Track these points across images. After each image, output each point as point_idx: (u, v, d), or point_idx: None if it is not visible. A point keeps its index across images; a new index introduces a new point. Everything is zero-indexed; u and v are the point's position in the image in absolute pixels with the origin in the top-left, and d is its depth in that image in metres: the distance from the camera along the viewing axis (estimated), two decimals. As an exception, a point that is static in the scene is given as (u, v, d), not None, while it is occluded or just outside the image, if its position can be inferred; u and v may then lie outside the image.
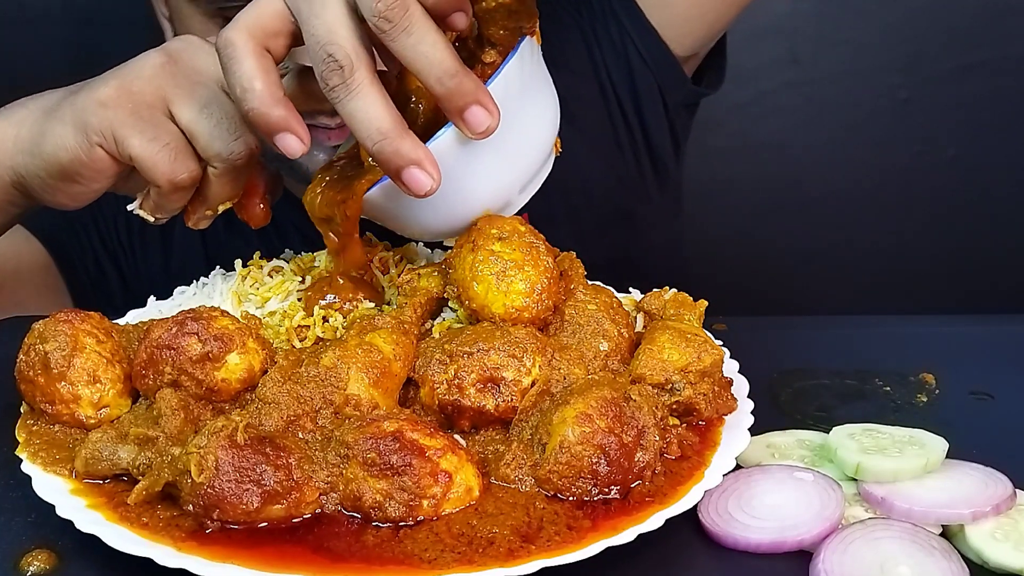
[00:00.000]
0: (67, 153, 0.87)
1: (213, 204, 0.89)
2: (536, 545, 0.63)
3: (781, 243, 2.24)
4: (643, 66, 1.34)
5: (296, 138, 0.76)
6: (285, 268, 0.95)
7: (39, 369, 0.74)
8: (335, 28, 0.73)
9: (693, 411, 0.75)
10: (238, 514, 0.64)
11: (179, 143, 0.85)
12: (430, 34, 0.72)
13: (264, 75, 0.75)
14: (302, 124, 0.77)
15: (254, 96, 0.75)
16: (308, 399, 0.72)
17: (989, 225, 2.23)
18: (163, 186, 0.86)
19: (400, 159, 0.73)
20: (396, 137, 0.73)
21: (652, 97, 1.37)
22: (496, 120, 0.75)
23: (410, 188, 0.74)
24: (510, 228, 0.80)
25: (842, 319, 1.18)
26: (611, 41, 1.34)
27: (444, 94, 0.73)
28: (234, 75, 0.76)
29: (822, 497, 0.69)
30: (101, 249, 1.35)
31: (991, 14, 2.10)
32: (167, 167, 0.84)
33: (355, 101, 0.73)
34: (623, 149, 1.38)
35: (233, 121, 0.84)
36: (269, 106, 0.75)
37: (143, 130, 0.85)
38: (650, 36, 1.33)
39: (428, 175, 0.74)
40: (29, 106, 0.93)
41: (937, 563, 0.63)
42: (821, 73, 2.14)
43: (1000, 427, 0.84)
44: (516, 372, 0.73)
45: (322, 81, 0.73)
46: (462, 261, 0.79)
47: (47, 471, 0.71)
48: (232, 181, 0.87)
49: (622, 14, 1.33)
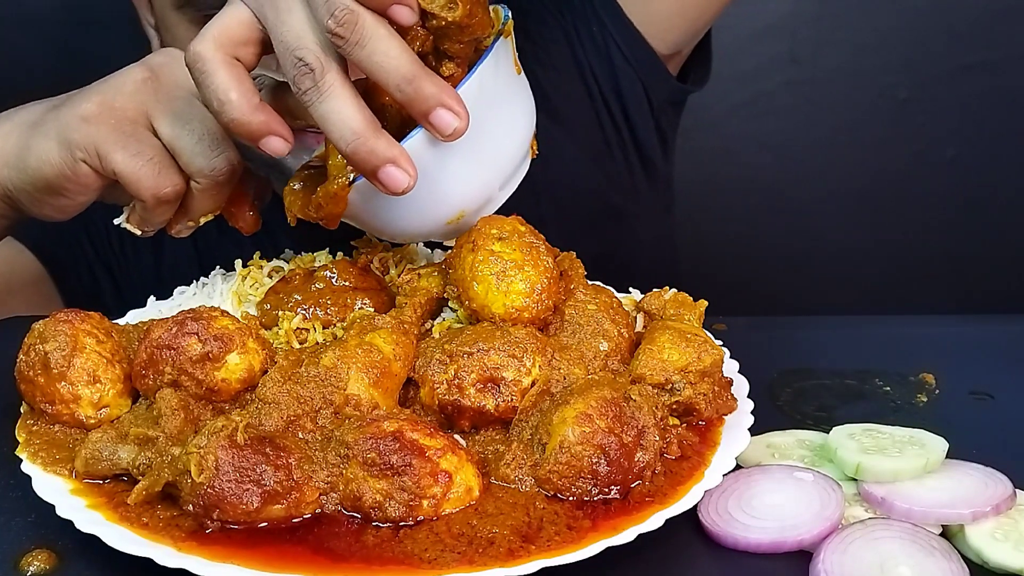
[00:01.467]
0: (52, 168, 0.87)
1: (195, 216, 0.90)
2: (536, 545, 0.63)
3: (781, 243, 2.24)
4: (625, 64, 1.34)
5: (280, 139, 0.77)
6: (285, 268, 0.95)
7: (39, 369, 0.74)
8: (303, 33, 0.73)
9: (693, 411, 0.75)
10: (238, 514, 0.64)
11: (162, 158, 0.85)
12: (383, 42, 0.72)
13: (238, 84, 0.75)
14: (283, 124, 0.77)
15: (232, 107, 0.75)
16: (308, 399, 0.72)
17: (989, 225, 2.23)
18: (148, 200, 0.86)
19: (375, 158, 0.73)
20: (370, 136, 0.73)
21: (636, 95, 1.36)
22: (464, 122, 0.75)
23: (387, 186, 0.74)
24: (510, 228, 0.80)
25: (842, 319, 1.18)
26: (593, 40, 1.34)
27: (405, 100, 0.74)
28: (208, 88, 0.76)
29: (822, 497, 0.69)
30: (93, 256, 1.35)
31: (991, 14, 2.10)
32: (151, 182, 0.85)
33: (327, 103, 0.73)
34: (611, 147, 1.38)
35: (215, 137, 0.85)
36: (247, 114, 0.75)
37: (126, 145, 0.85)
38: (631, 34, 1.32)
39: (404, 172, 0.74)
40: (14, 119, 0.93)
41: (937, 563, 0.63)
42: (821, 73, 2.14)
43: (1000, 427, 0.84)
44: (516, 372, 0.73)
45: (294, 85, 0.73)
46: (462, 261, 0.79)
47: (47, 471, 0.71)
48: (215, 195, 0.88)
49: (603, 13, 1.33)
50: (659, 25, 1.33)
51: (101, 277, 1.36)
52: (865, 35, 2.12)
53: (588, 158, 1.37)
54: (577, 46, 1.35)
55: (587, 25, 1.34)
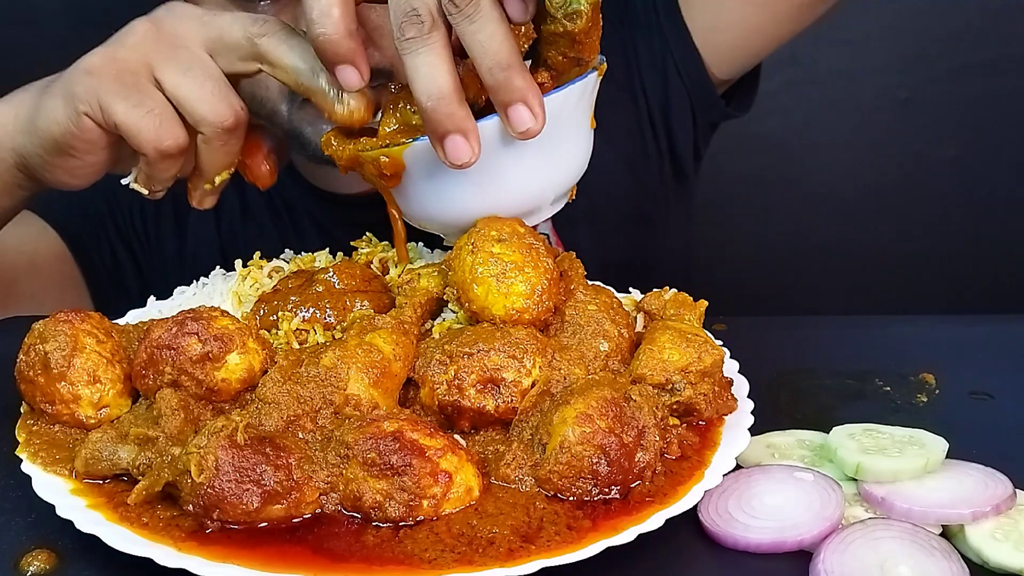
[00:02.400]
0: (58, 126, 0.87)
1: (209, 175, 0.89)
2: (536, 545, 0.63)
3: (781, 243, 2.24)
4: (679, 84, 1.36)
5: (358, 73, 0.77)
6: (285, 269, 0.95)
7: (39, 369, 0.74)
8: None
9: (693, 411, 0.75)
10: (238, 514, 0.64)
11: (164, 109, 0.85)
12: (491, 24, 0.72)
13: (344, 5, 0.75)
14: (366, 62, 0.78)
15: (329, 23, 0.75)
16: (308, 399, 0.72)
17: (989, 225, 2.23)
18: (149, 153, 0.85)
19: (450, 122, 0.74)
20: (453, 101, 0.74)
21: (683, 113, 1.39)
22: (539, 125, 0.75)
23: (448, 154, 0.75)
24: (509, 230, 0.80)
25: (842, 319, 1.18)
26: (651, 55, 1.36)
27: (493, 85, 0.74)
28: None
29: (822, 497, 0.69)
30: (116, 238, 1.36)
31: (991, 14, 2.10)
32: (151, 134, 0.84)
33: (424, 56, 0.73)
34: (649, 157, 1.40)
35: (218, 83, 0.84)
36: (342, 35, 0.76)
37: (127, 96, 0.84)
38: (693, 58, 1.34)
39: (470, 147, 0.75)
40: (30, 89, 0.94)
41: (937, 563, 0.63)
42: (821, 73, 2.14)
43: (1000, 427, 0.84)
44: (516, 373, 0.73)
45: (398, 31, 0.73)
46: (462, 263, 0.79)
47: (47, 471, 0.71)
48: (223, 147, 0.87)
49: (668, 31, 1.35)
50: (721, 55, 1.35)
51: (123, 259, 1.36)
52: (865, 35, 2.12)
53: (625, 164, 1.39)
54: (632, 57, 1.37)
55: (648, 40, 1.36)
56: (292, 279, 0.89)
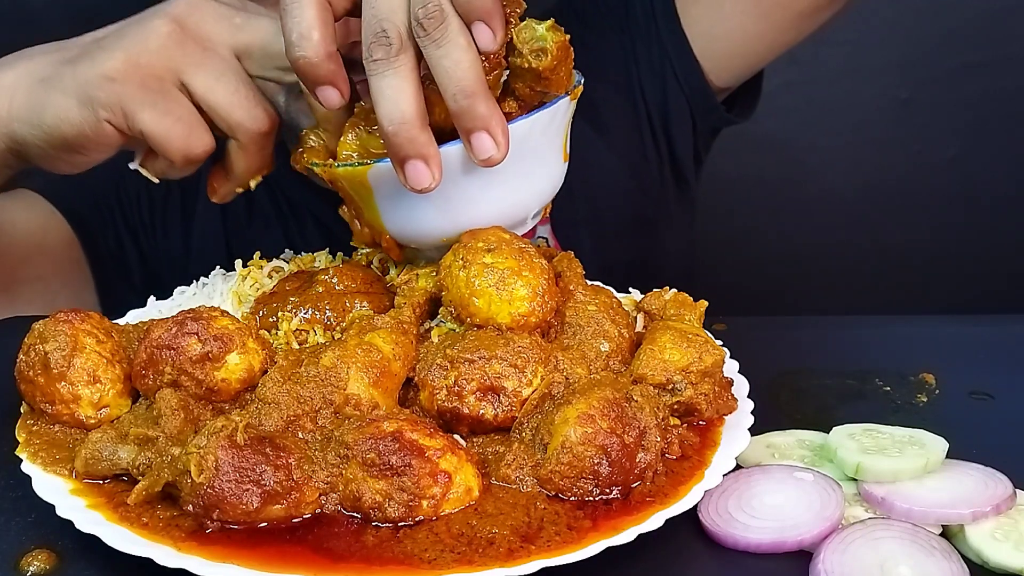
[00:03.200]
0: (71, 127, 0.86)
1: (244, 179, 0.88)
2: (536, 545, 0.63)
3: (780, 243, 2.24)
4: (678, 90, 1.37)
5: (337, 92, 0.77)
6: (285, 268, 0.94)
7: (39, 369, 0.74)
8: (396, 9, 0.73)
9: (694, 411, 0.75)
10: (238, 514, 0.64)
11: (192, 116, 0.84)
12: (457, 51, 0.72)
13: (323, 26, 0.75)
14: (346, 82, 0.77)
15: (309, 46, 0.75)
16: (308, 399, 0.72)
17: (989, 225, 2.23)
18: (177, 161, 0.85)
19: (411, 148, 0.74)
20: (416, 126, 0.74)
21: (682, 119, 1.39)
22: (501, 154, 0.75)
23: (409, 179, 0.75)
24: (495, 238, 0.78)
25: (842, 319, 1.18)
26: (650, 62, 1.36)
27: (456, 111, 0.74)
28: (293, 19, 0.75)
29: (822, 497, 0.69)
30: (123, 226, 1.36)
31: (991, 14, 2.10)
32: (181, 142, 0.84)
33: (390, 79, 0.73)
34: (649, 161, 1.41)
35: (251, 89, 0.84)
36: (321, 57, 0.75)
37: (154, 104, 0.84)
38: (691, 66, 1.35)
39: (430, 173, 0.75)
40: (17, 68, 0.91)
41: (937, 563, 0.63)
42: (821, 73, 2.14)
43: (1000, 427, 0.84)
44: (517, 383, 0.72)
45: (367, 51, 0.73)
46: (455, 280, 0.77)
47: (47, 471, 0.71)
48: (259, 151, 0.86)
49: (667, 39, 1.35)
50: (720, 62, 1.35)
51: (129, 248, 1.36)
52: (865, 35, 2.12)
53: (625, 168, 1.39)
54: (632, 63, 1.37)
55: (647, 46, 1.36)
56: (292, 280, 0.89)
